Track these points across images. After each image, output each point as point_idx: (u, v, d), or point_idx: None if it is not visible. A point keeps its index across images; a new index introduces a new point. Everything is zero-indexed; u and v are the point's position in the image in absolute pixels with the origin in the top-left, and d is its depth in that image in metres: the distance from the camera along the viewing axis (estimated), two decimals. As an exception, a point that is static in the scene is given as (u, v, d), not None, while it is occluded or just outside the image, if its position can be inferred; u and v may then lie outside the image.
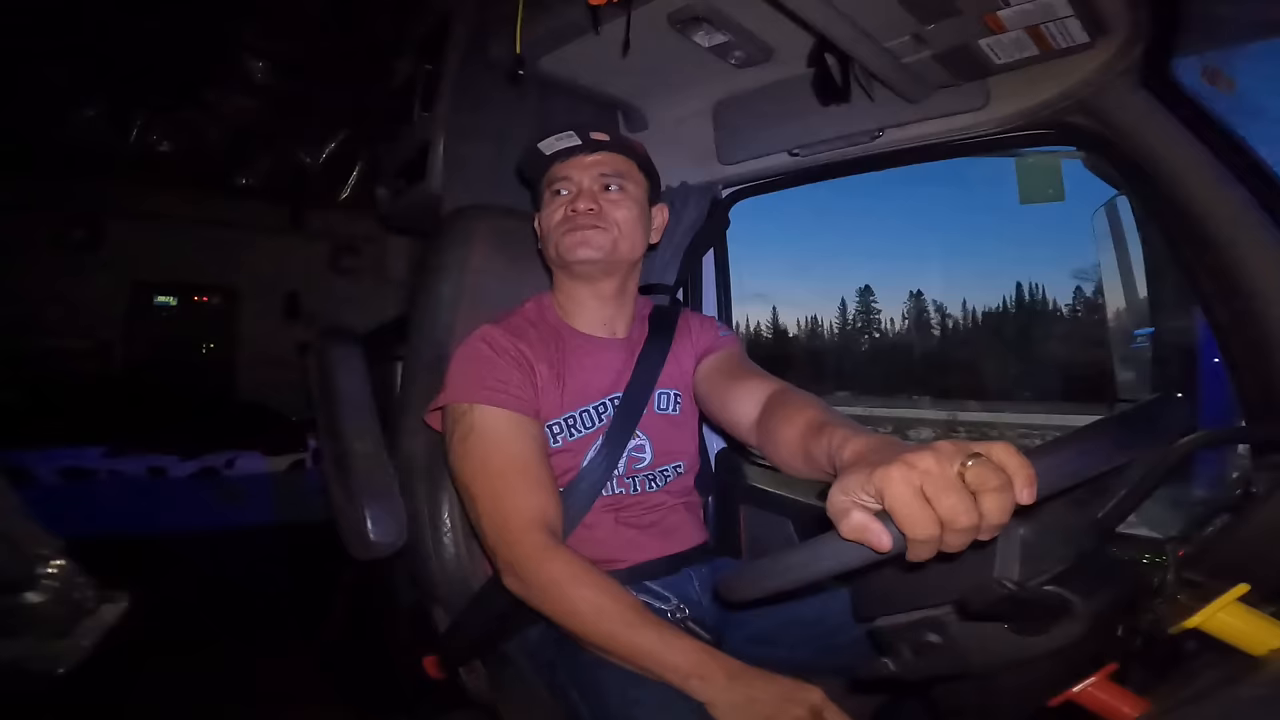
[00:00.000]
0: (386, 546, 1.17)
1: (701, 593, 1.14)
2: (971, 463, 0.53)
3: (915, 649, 0.63)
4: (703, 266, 1.82)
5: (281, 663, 2.29)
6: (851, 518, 0.55)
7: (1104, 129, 1.11)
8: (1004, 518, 0.53)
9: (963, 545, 0.54)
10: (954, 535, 0.53)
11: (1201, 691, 0.62)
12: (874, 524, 0.54)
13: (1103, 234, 1.67)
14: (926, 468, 0.54)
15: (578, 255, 1.11)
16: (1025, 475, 0.52)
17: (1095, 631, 0.59)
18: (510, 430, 1.02)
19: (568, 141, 1.13)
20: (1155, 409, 0.67)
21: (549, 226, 1.14)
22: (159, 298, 4.13)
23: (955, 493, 0.53)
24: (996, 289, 49.10)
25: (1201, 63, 1.04)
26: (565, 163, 1.15)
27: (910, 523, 0.53)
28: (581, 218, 1.11)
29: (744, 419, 1.08)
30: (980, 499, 0.52)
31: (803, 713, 0.79)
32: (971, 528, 0.53)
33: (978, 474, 0.53)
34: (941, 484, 0.53)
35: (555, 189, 1.15)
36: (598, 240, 1.11)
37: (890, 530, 0.54)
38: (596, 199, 1.12)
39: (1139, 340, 1.75)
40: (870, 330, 34.25)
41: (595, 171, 1.14)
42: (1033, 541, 0.60)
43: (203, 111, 3.39)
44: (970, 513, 0.52)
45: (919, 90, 1.24)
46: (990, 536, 0.54)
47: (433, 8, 1.66)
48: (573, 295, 1.20)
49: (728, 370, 1.18)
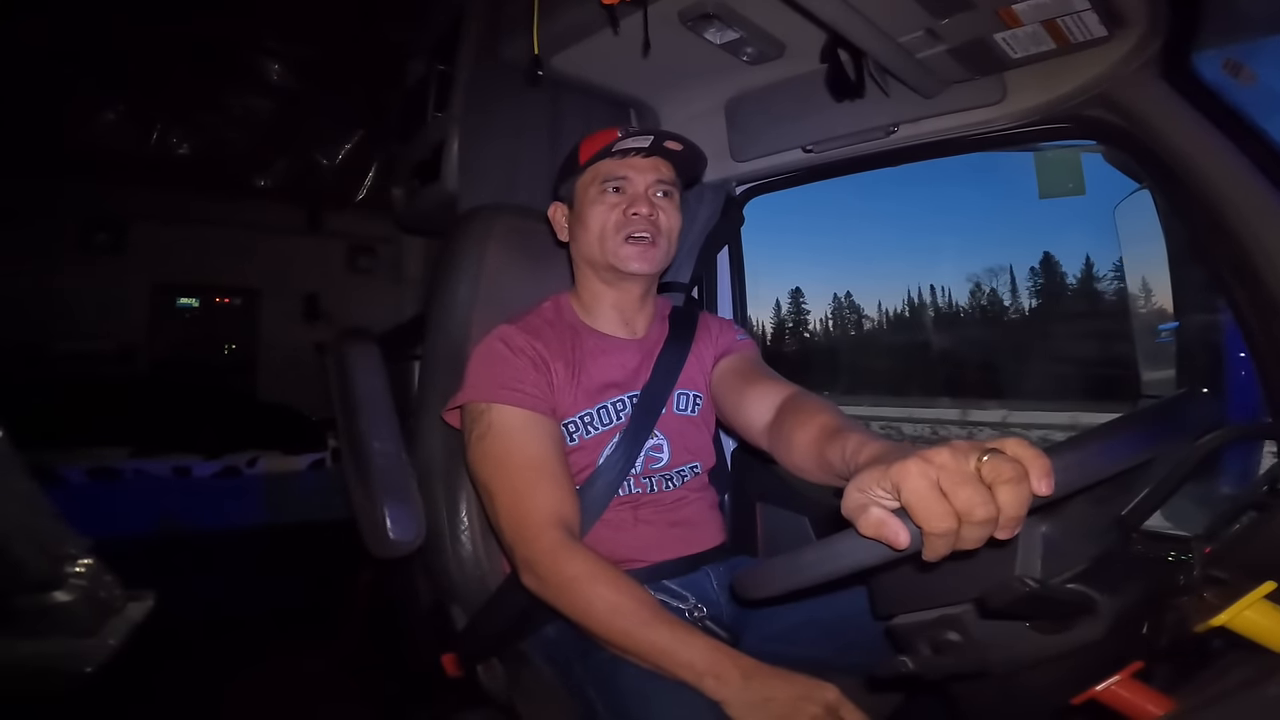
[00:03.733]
0: (405, 545, 1.18)
1: (719, 591, 1.14)
2: (987, 457, 0.53)
3: (934, 647, 0.63)
4: (717, 264, 1.82)
5: (302, 660, 2.31)
6: (870, 513, 0.56)
7: (1124, 122, 1.10)
8: (1021, 510, 0.52)
9: (980, 539, 0.54)
10: (971, 529, 0.53)
11: (1228, 690, 0.61)
12: (891, 520, 0.54)
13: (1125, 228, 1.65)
14: (943, 462, 0.54)
15: (632, 268, 1.11)
16: (1041, 466, 0.52)
17: (1119, 629, 0.58)
18: (527, 429, 1.03)
19: (639, 142, 1.10)
20: (1181, 404, 0.66)
21: (601, 225, 1.12)
22: (181, 299, 4.20)
23: (971, 485, 0.52)
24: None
25: (1222, 55, 1.02)
26: (623, 160, 1.13)
27: (927, 516, 0.53)
28: (642, 226, 1.11)
29: (757, 423, 1.08)
30: (996, 491, 0.52)
31: (819, 711, 0.79)
32: (988, 520, 0.52)
33: (993, 467, 0.53)
34: (958, 477, 0.53)
35: (610, 185, 1.13)
36: (653, 256, 1.12)
37: (908, 526, 0.54)
38: (653, 206, 1.12)
39: (1163, 335, 1.73)
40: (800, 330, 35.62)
41: (654, 177, 1.13)
42: (1055, 539, 0.59)
43: (220, 114, 3.44)
44: (987, 504, 0.52)
45: (934, 85, 1.22)
46: (1008, 532, 0.53)
47: (445, 9, 1.67)
48: (598, 295, 1.20)
49: (742, 374, 1.18)
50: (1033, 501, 0.52)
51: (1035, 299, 25.68)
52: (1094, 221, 14.08)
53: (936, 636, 0.62)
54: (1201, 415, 0.65)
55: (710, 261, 1.77)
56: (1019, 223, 65.41)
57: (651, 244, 1.11)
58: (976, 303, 26.87)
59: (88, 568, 0.47)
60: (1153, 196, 1.36)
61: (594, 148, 1.12)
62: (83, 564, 0.47)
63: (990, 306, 27.02)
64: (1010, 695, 0.64)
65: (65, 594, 0.47)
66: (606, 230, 1.12)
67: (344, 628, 2.64)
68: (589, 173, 1.14)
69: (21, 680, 0.53)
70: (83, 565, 0.47)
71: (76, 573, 0.47)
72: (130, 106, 3.32)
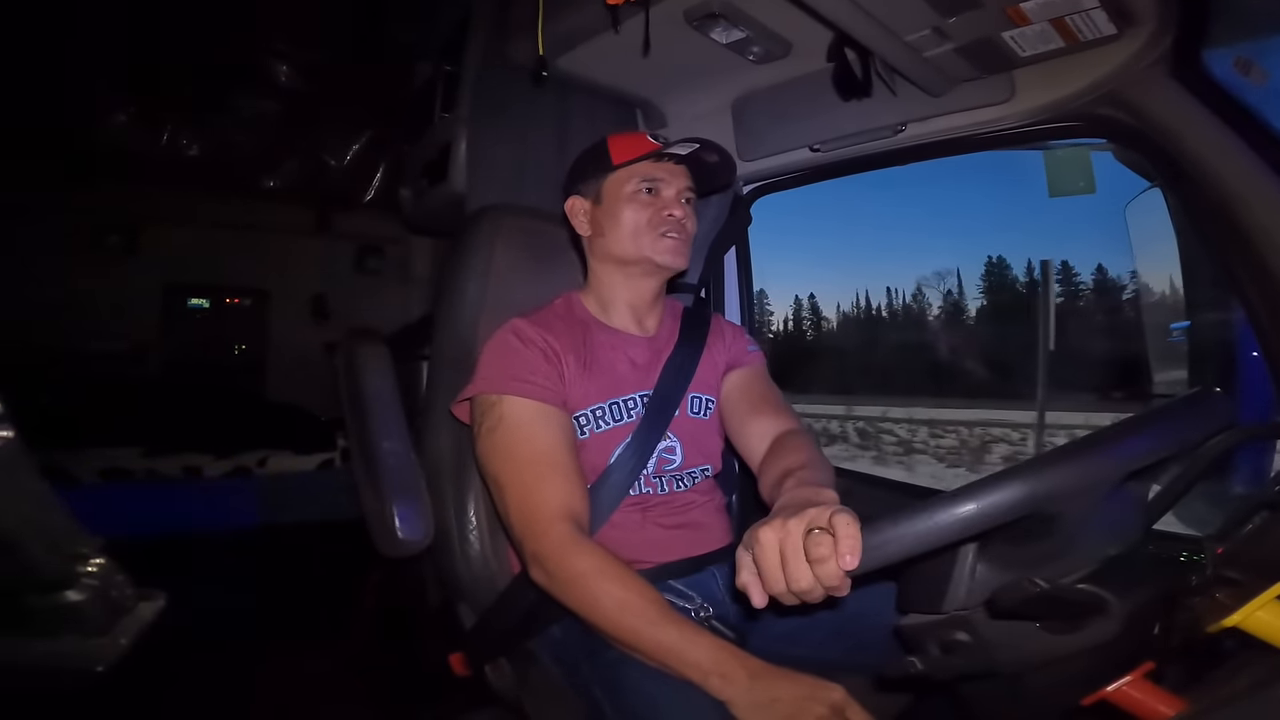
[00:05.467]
0: (414, 544, 1.18)
1: (725, 591, 1.13)
2: (815, 532, 0.65)
3: (943, 647, 0.63)
4: (724, 264, 1.82)
5: (310, 660, 2.32)
6: (740, 576, 0.69)
7: (1135, 121, 1.09)
8: (833, 581, 0.63)
9: (816, 599, 0.65)
10: (798, 596, 0.65)
11: (1240, 691, 0.61)
12: (754, 582, 0.67)
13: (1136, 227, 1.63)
14: (785, 534, 0.66)
15: (667, 260, 1.15)
16: (846, 545, 0.59)
17: (1131, 630, 0.58)
18: (538, 421, 1.03)
19: (682, 149, 1.15)
20: (1193, 404, 0.65)
21: (636, 223, 1.15)
22: (192, 300, 4.22)
23: (795, 559, 0.64)
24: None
25: (1233, 53, 1.02)
26: (660, 164, 1.17)
27: (765, 580, 0.66)
28: (674, 226, 1.15)
29: (752, 454, 1.15)
30: (813, 566, 0.63)
31: (824, 711, 0.79)
32: (807, 590, 0.64)
33: (809, 544, 0.64)
34: (789, 551, 0.65)
35: (646, 187, 1.16)
36: (684, 253, 1.16)
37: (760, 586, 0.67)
38: (684, 210, 1.16)
39: (1175, 334, 1.71)
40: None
41: (685, 183, 1.18)
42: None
43: (230, 116, 3.46)
44: (804, 578, 0.64)
45: (941, 84, 1.22)
46: (838, 593, 0.64)
47: (452, 10, 1.68)
48: (614, 289, 1.21)
49: (748, 396, 1.21)
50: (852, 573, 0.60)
51: (983, 300, 26.49)
52: (1099, 220, 14.39)
53: (945, 637, 0.62)
54: (1214, 415, 0.65)
55: (718, 261, 1.77)
56: (1014, 224, 65.30)
57: (682, 242, 1.15)
58: (919, 305, 27.82)
59: (99, 567, 0.47)
60: (1164, 195, 1.35)
61: (627, 147, 1.16)
62: (95, 563, 0.47)
63: (921, 309, 27.93)
64: (1020, 696, 0.64)
65: (77, 593, 0.47)
66: (641, 227, 1.15)
67: (353, 627, 2.65)
68: (623, 172, 1.16)
69: (33, 679, 0.54)
70: (94, 565, 0.47)
71: (88, 572, 0.47)
72: (141, 109, 3.35)
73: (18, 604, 0.47)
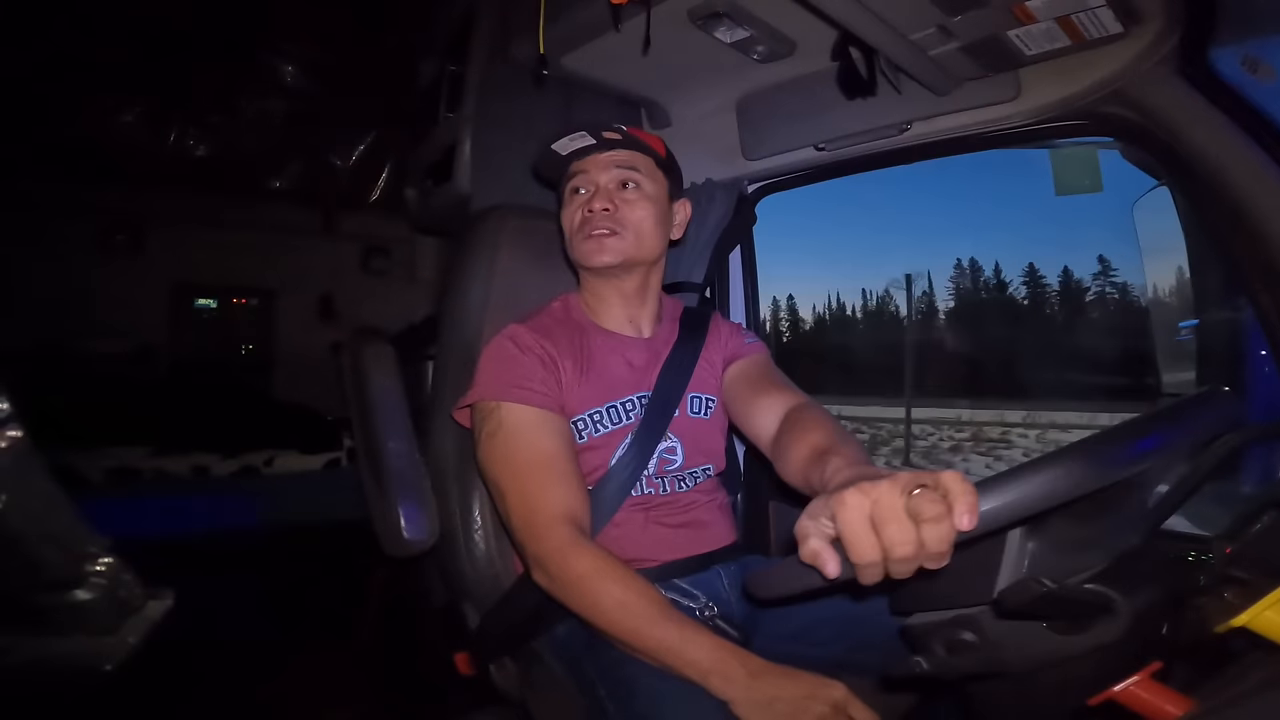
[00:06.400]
0: (419, 544, 1.18)
1: (730, 590, 1.13)
2: (918, 491, 0.56)
3: (949, 647, 0.62)
4: (729, 264, 1.81)
5: (315, 659, 2.33)
6: (809, 542, 0.60)
7: (1142, 119, 1.08)
8: (941, 546, 0.55)
9: (906, 572, 0.57)
10: (895, 564, 0.57)
11: (1248, 691, 0.60)
12: (825, 550, 0.58)
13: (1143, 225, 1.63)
14: (877, 496, 0.57)
15: (593, 262, 1.13)
16: (965, 503, 0.54)
17: (1138, 630, 0.57)
18: (537, 426, 1.03)
19: (581, 141, 1.13)
20: (1202, 403, 0.65)
21: (569, 229, 1.16)
22: (199, 300, 4.24)
23: (896, 521, 0.56)
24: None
25: (1240, 51, 1.01)
26: (581, 160, 1.16)
27: (854, 547, 0.57)
28: (598, 221, 1.12)
29: (763, 433, 1.10)
30: (920, 528, 0.55)
31: (826, 710, 0.79)
32: (909, 557, 0.56)
33: (917, 503, 0.56)
34: (887, 513, 0.56)
35: (573, 187, 1.16)
36: (613, 246, 1.12)
37: (840, 557, 0.57)
38: (613, 198, 1.13)
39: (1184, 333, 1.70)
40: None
41: (612, 169, 1.15)
42: (1071, 540, 0.59)
43: (236, 117, 3.48)
44: (908, 543, 0.55)
45: (947, 82, 1.21)
46: (935, 565, 0.57)
47: (456, 9, 1.68)
48: (598, 293, 1.20)
49: (752, 381, 1.19)
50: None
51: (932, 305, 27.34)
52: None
53: (952, 637, 0.62)
54: (1222, 414, 0.64)
55: (723, 261, 1.77)
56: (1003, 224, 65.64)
57: (610, 235, 1.12)
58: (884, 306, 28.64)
59: (108, 566, 0.48)
60: (1171, 193, 1.35)
61: (553, 159, 1.17)
62: (103, 563, 0.48)
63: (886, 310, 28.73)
64: (1026, 696, 0.64)
65: (86, 592, 0.47)
66: (572, 232, 1.15)
67: (358, 626, 2.65)
68: (563, 180, 1.18)
69: (42, 678, 0.54)
70: (103, 564, 0.48)
71: (97, 571, 0.47)
72: (148, 109, 3.37)
73: (27, 603, 0.48)
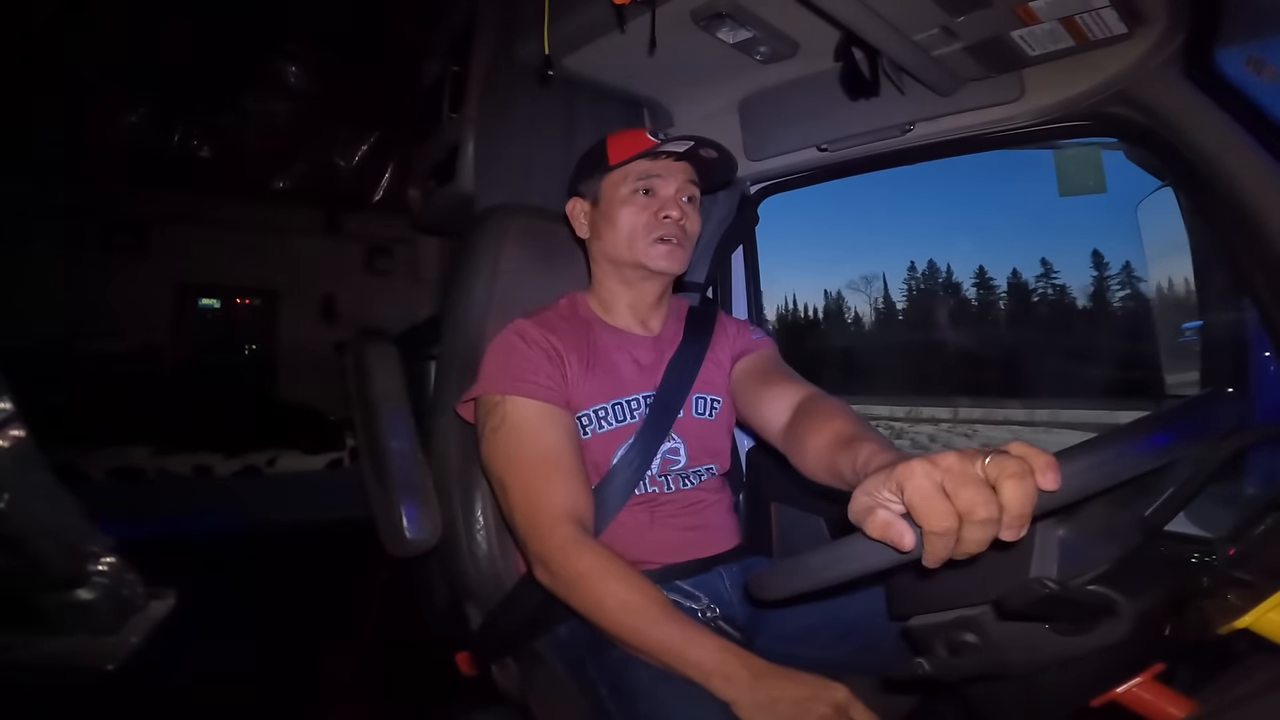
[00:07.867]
0: (422, 544, 1.19)
1: (732, 591, 1.13)
2: (990, 459, 0.53)
3: (951, 649, 0.62)
4: (732, 264, 1.81)
5: (317, 659, 2.33)
6: (876, 515, 0.56)
7: (1146, 120, 1.08)
8: (1025, 506, 0.52)
9: (983, 540, 0.54)
10: (972, 528, 0.53)
11: (1251, 692, 0.60)
12: (897, 521, 0.55)
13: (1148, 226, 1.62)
14: (948, 465, 0.55)
15: (660, 266, 1.13)
16: (1045, 462, 0.52)
17: (1141, 631, 0.57)
18: (541, 421, 1.03)
19: (677, 146, 1.11)
20: (1206, 404, 0.65)
21: (631, 226, 1.13)
22: (203, 300, 4.25)
23: (974, 485, 0.53)
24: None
25: (1245, 52, 1.01)
26: (655, 163, 1.14)
27: (928, 515, 0.53)
28: (672, 229, 1.12)
29: (773, 424, 1.09)
30: (1000, 487, 0.52)
31: (827, 711, 0.79)
32: (990, 520, 0.52)
33: (997, 464, 0.53)
34: (962, 478, 0.53)
35: (643, 187, 1.14)
36: (680, 256, 1.14)
37: (913, 529, 0.54)
38: (684, 209, 1.14)
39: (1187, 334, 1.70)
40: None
41: (685, 179, 1.15)
42: (1073, 540, 0.59)
43: (239, 117, 3.48)
44: (989, 504, 0.52)
45: (950, 83, 1.21)
46: (1014, 532, 0.53)
47: (460, 10, 1.68)
48: (615, 292, 1.20)
49: (760, 373, 1.18)
50: (1044, 504, 0.52)
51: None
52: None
53: (954, 638, 0.62)
54: (1226, 415, 0.64)
55: (725, 261, 1.77)
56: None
57: (678, 246, 1.13)
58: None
59: (110, 566, 0.48)
60: (1176, 194, 1.34)
61: (623, 146, 1.14)
62: (106, 562, 0.48)
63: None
64: (1029, 697, 0.64)
65: (88, 592, 0.47)
66: (637, 231, 1.13)
67: (360, 626, 2.66)
68: (619, 172, 1.15)
69: (44, 677, 0.54)
70: (105, 563, 0.48)
71: (99, 570, 0.47)
72: (151, 109, 3.38)
73: (29, 602, 0.48)
